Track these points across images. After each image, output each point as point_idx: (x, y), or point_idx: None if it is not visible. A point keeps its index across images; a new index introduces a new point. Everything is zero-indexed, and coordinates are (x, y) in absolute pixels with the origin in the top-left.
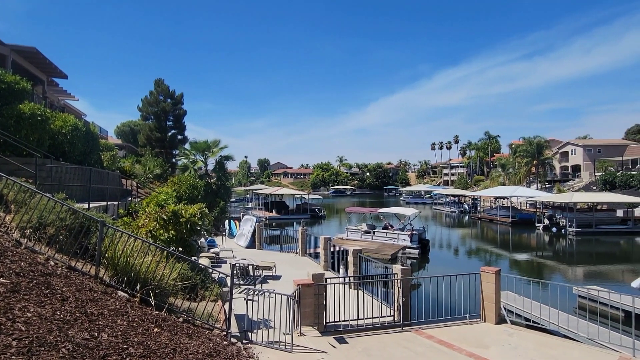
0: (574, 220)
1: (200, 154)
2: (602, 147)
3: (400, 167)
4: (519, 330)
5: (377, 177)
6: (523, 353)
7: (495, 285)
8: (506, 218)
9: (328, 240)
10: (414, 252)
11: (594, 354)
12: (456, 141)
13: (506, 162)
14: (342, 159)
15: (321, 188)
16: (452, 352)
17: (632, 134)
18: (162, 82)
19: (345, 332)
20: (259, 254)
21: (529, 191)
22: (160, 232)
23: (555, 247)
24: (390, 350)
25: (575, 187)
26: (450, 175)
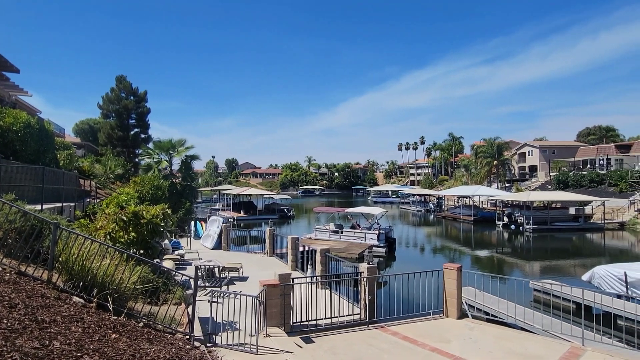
0: (530, 218)
1: (164, 154)
2: (557, 149)
3: (368, 167)
4: (479, 324)
5: (345, 177)
6: (483, 346)
7: (457, 281)
8: (469, 216)
9: (296, 240)
10: (381, 250)
11: (548, 345)
12: (422, 142)
13: (469, 163)
14: (311, 159)
15: (290, 188)
16: (416, 348)
17: (583, 136)
18: (125, 79)
19: (312, 332)
20: (225, 255)
21: (490, 190)
22: (120, 234)
23: (513, 244)
24: (356, 348)
25: (532, 186)
26: (417, 175)
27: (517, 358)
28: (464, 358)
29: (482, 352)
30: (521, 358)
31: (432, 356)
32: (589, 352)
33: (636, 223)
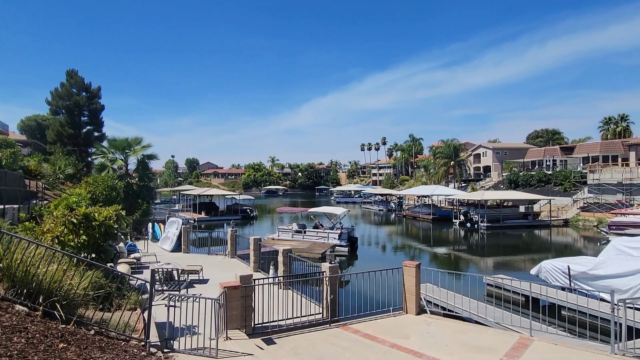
0: (484, 216)
1: (120, 153)
2: (508, 150)
3: (331, 167)
4: (436, 319)
5: (309, 177)
6: (440, 340)
7: (416, 278)
8: (428, 215)
9: (258, 241)
10: (343, 250)
11: (499, 336)
12: (384, 143)
13: (428, 163)
14: (274, 159)
15: (253, 188)
16: (376, 344)
17: (532, 138)
18: (76, 74)
19: (274, 333)
20: (185, 258)
21: (447, 190)
22: (69, 237)
23: (469, 241)
24: (318, 348)
25: (486, 186)
26: (379, 175)
27: (471, 350)
28: (422, 352)
29: (439, 346)
30: (475, 350)
31: (392, 352)
32: (536, 342)
33: (578, 220)
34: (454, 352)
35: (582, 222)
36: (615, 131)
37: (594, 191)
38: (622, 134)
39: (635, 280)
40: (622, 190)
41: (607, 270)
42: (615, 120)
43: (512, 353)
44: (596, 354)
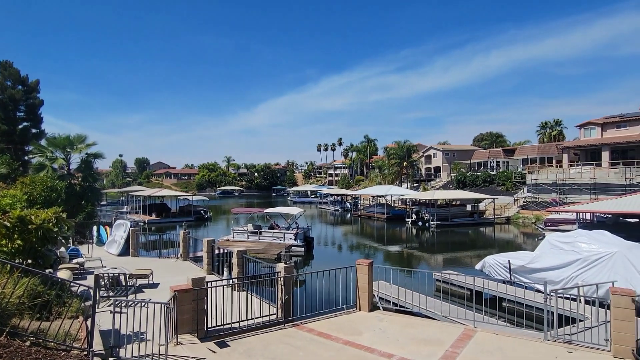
0: (435, 214)
1: (61, 151)
2: (457, 152)
3: (288, 167)
4: (388, 315)
5: (265, 177)
6: (391, 335)
7: (369, 276)
8: (382, 214)
9: (211, 242)
10: (299, 250)
11: (446, 329)
12: (340, 143)
13: (382, 164)
14: (230, 159)
15: (207, 189)
16: (330, 342)
17: (477, 141)
18: (10, 65)
19: (227, 336)
20: (133, 262)
21: (400, 190)
22: (1, 242)
23: (420, 239)
24: (272, 348)
25: (436, 186)
26: (335, 176)
27: (420, 343)
28: (374, 348)
29: (390, 341)
30: (423, 343)
31: (345, 349)
32: (479, 333)
33: (519, 217)
34: (404, 345)
35: (522, 219)
36: (550, 135)
37: (532, 190)
38: (556, 138)
39: (566, 272)
40: (556, 189)
41: (542, 263)
42: (550, 124)
43: (457, 344)
44: (531, 341)
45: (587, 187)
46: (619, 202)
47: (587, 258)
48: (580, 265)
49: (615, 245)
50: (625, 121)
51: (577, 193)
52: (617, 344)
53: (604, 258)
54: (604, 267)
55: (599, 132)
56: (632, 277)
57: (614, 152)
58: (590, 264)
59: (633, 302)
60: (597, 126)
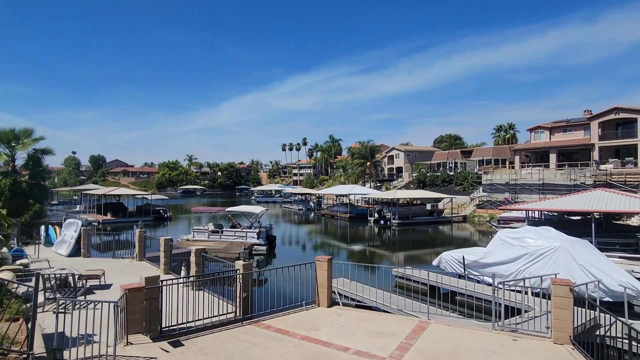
0: (396, 213)
1: (5, 146)
2: (418, 153)
3: (252, 167)
4: (346, 310)
5: (229, 176)
6: (348, 329)
7: (328, 272)
8: (345, 214)
9: (169, 241)
10: (262, 248)
11: (401, 322)
12: (305, 143)
13: (346, 164)
14: (192, 157)
15: (168, 188)
16: (288, 338)
17: (437, 142)
18: None
19: (182, 335)
20: (84, 263)
21: (364, 189)
22: None
23: (382, 237)
24: (228, 346)
25: (398, 185)
26: (299, 175)
27: (376, 336)
28: (331, 342)
29: (347, 335)
30: (379, 335)
31: (302, 344)
32: (432, 325)
33: (475, 216)
34: (360, 339)
35: (478, 217)
36: (504, 138)
37: (487, 190)
38: (510, 141)
39: (515, 266)
40: (509, 189)
41: (493, 258)
42: (505, 128)
43: (411, 336)
44: (480, 331)
45: (536, 187)
46: (564, 201)
47: (533, 252)
48: (528, 260)
49: (559, 240)
50: (570, 126)
51: (528, 192)
52: (557, 330)
53: (549, 252)
54: (548, 261)
55: (547, 135)
56: (573, 270)
57: (561, 155)
58: (536, 258)
59: (571, 291)
60: (546, 130)
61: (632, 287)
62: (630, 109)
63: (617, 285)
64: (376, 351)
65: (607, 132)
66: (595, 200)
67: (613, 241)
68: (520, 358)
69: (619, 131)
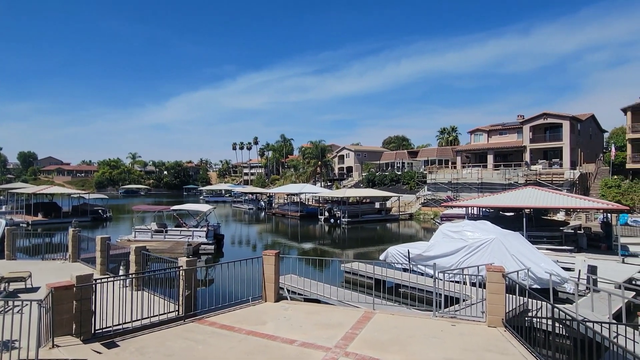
0: (346, 212)
1: None
2: (367, 153)
3: (201, 166)
4: (293, 304)
5: (176, 176)
6: (295, 322)
7: (275, 266)
8: (296, 212)
9: (106, 240)
10: (210, 247)
11: (348, 313)
12: (256, 142)
13: (297, 163)
14: (136, 155)
15: (109, 188)
16: (233, 334)
17: (386, 143)
18: None
19: (118, 336)
20: (8, 265)
21: (314, 188)
22: None
23: (332, 235)
24: (168, 344)
25: (349, 184)
26: (250, 175)
27: (322, 327)
28: (277, 335)
29: (293, 327)
30: (326, 327)
31: (248, 339)
32: (377, 315)
33: (420, 213)
34: (307, 331)
35: (423, 215)
36: (447, 140)
37: (431, 189)
38: (452, 142)
39: (455, 258)
40: (451, 188)
41: (436, 251)
42: (448, 130)
43: (357, 325)
44: (422, 318)
45: (475, 186)
46: (499, 198)
47: (471, 245)
48: (467, 251)
49: (494, 233)
50: (506, 129)
51: (468, 191)
52: (491, 314)
53: (485, 244)
54: (485, 252)
55: (485, 138)
56: (506, 260)
57: (497, 156)
58: (474, 249)
59: (504, 277)
60: (484, 133)
61: (557, 275)
62: (557, 115)
63: (544, 273)
64: (322, 342)
65: (537, 136)
66: (526, 197)
67: (541, 234)
68: (458, 341)
69: (547, 135)
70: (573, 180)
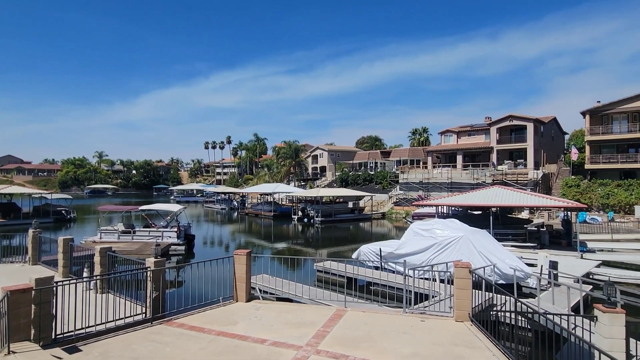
0: (319, 211)
1: None
2: (341, 152)
3: (172, 165)
4: (265, 304)
5: (145, 175)
6: (266, 322)
7: (247, 265)
8: (269, 212)
9: (69, 241)
10: (180, 248)
11: (320, 311)
12: (229, 141)
13: (271, 163)
14: (102, 154)
15: (74, 187)
16: (202, 335)
17: (360, 143)
18: None
19: (80, 340)
20: None
21: (288, 188)
22: None
23: (306, 234)
24: (134, 347)
25: (322, 184)
26: (223, 175)
27: (294, 326)
28: (248, 335)
29: (265, 327)
30: (298, 325)
31: (217, 339)
32: (349, 312)
33: (392, 213)
34: (278, 330)
35: (395, 214)
36: (419, 140)
37: (403, 189)
38: (424, 143)
39: (425, 255)
40: (422, 187)
41: (407, 249)
42: (419, 131)
43: (328, 323)
44: (393, 315)
45: (445, 185)
46: (467, 197)
47: (441, 242)
48: (436, 249)
49: (462, 231)
50: (474, 131)
51: (438, 190)
52: (458, 309)
53: (454, 241)
54: (453, 249)
55: (455, 139)
56: (473, 256)
57: (466, 156)
58: (444, 247)
59: (470, 273)
60: (454, 134)
61: (520, 270)
62: (522, 117)
63: (508, 269)
64: (293, 340)
65: (503, 137)
66: (493, 196)
67: (507, 232)
68: (427, 335)
69: (513, 136)
70: (536, 180)
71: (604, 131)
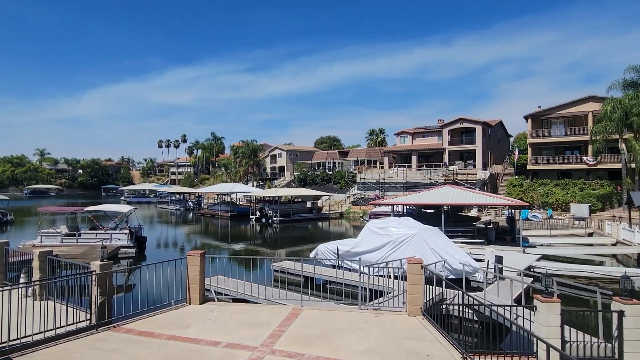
0: (277, 211)
1: None
2: (300, 152)
3: (122, 164)
4: (219, 305)
5: (93, 175)
6: (220, 324)
7: (200, 267)
8: (226, 212)
9: (4, 245)
10: (131, 251)
11: (276, 311)
12: (184, 140)
13: (228, 162)
14: (44, 152)
15: (11, 188)
16: (152, 340)
17: (318, 143)
18: None
19: (15, 351)
20: None
21: (246, 187)
22: None
23: (264, 235)
24: (76, 356)
25: (281, 184)
26: (178, 174)
27: (249, 327)
28: (201, 338)
29: (219, 329)
30: (253, 326)
31: (168, 344)
32: (305, 311)
33: (350, 212)
34: (233, 331)
35: (353, 213)
36: (376, 141)
37: (361, 188)
38: (380, 143)
39: (381, 253)
40: (379, 187)
41: (363, 247)
42: (376, 132)
43: (284, 323)
44: (348, 312)
45: (401, 185)
46: (421, 196)
47: (396, 240)
48: (392, 247)
49: (416, 229)
50: (428, 132)
51: (394, 190)
52: (411, 304)
53: (408, 239)
54: (407, 247)
55: (410, 140)
56: (426, 253)
57: (420, 157)
58: (398, 244)
59: (422, 268)
60: (409, 135)
61: (469, 265)
62: (472, 120)
63: (458, 264)
64: (248, 341)
65: (454, 139)
66: (444, 195)
67: (457, 229)
68: (381, 331)
69: (463, 138)
70: (484, 179)
71: (544, 134)
